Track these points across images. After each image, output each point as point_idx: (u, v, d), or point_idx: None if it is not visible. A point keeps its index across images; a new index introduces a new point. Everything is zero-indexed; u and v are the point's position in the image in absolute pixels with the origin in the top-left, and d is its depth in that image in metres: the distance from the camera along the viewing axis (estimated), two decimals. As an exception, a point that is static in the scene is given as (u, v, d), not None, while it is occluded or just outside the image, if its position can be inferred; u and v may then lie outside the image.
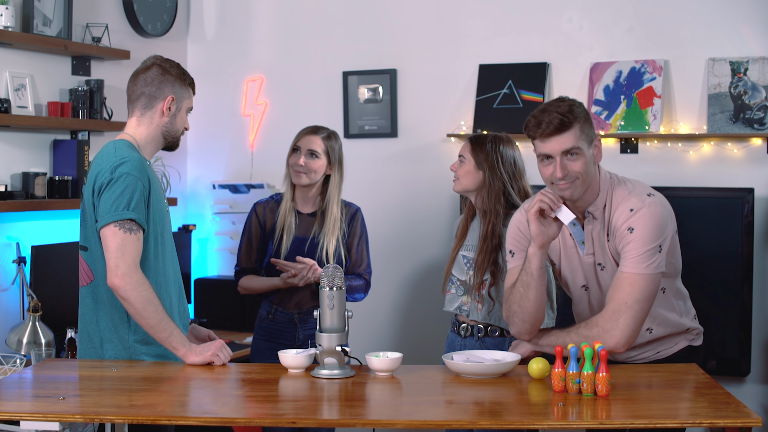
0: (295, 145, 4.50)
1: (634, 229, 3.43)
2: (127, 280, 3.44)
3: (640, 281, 3.40)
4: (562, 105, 3.44)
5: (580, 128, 3.43)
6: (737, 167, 5.10)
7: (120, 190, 3.50)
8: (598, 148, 3.52)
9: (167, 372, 3.47)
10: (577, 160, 3.43)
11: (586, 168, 3.45)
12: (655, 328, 3.62)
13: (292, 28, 6.02)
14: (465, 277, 4.13)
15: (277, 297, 4.55)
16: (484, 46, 5.59)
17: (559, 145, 3.42)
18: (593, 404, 2.96)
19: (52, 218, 5.12)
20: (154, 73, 3.73)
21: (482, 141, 4.13)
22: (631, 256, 3.42)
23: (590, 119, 3.50)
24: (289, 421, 2.89)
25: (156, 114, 3.71)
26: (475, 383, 3.26)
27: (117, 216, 3.47)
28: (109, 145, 3.66)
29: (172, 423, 2.89)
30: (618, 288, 3.42)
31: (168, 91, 3.71)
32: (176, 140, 3.80)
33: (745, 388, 5.08)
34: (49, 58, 5.15)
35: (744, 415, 2.80)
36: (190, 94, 3.80)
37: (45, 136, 5.13)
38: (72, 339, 4.47)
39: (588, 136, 3.46)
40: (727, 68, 5.06)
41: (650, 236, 3.42)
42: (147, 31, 5.74)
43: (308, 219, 4.54)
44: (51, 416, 2.90)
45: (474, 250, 4.10)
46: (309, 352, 3.49)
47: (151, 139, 3.73)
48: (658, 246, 3.42)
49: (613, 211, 3.51)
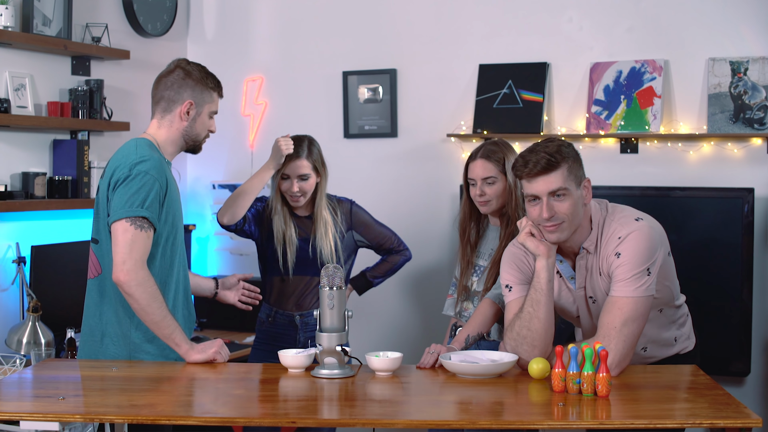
0: (283, 173, 4.46)
1: (621, 254, 3.39)
2: (132, 276, 3.45)
3: (629, 304, 3.35)
4: (550, 145, 3.40)
5: (567, 169, 3.38)
6: (737, 167, 5.10)
7: (137, 188, 3.51)
8: (587, 189, 3.47)
9: (167, 372, 3.48)
10: (563, 201, 3.38)
11: (573, 210, 3.39)
12: (650, 347, 3.64)
13: (292, 28, 6.02)
14: (468, 283, 4.12)
15: (276, 298, 4.56)
16: (484, 46, 5.59)
17: (546, 186, 3.37)
18: (593, 404, 2.96)
19: (51, 218, 5.12)
20: (175, 77, 3.73)
21: (496, 152, 4.05)
22: (619, 280, 3.39)
23: (579, 159, 3.46)
24: (289, 420, 2.89)
25: (175, 117, 3.72)
26: (475, 383, 3.26)
27: (130, 212, 3.48)
28: (131, 143, 3.68)
29: (172, 423, 2.89)
30: (607, 312, 3.38)
31: (187, 95, 3.71)
32: (198, 144, 3.81)
33: (745, 388, 5.09)
34: (48, 57, 5.15)
35: (744, 416, 2.80)
36: (214, 98, 3.79)
37: (45, 136, 5.14)
38: (72, 339, 4.48)
39: (577, 176, 3.41)
40: (727, 68, 5.06)
41: (638, 260, 3.38)
42: (147, 30, 5.75)
43: (305, 221, 4.54)
44: (51, 416, 2.90)
45: (486, 258, 4.09)
46: (309, 352, 3.49)
47: (171, 141, 3.75)
48: (646, 269, 3.38)
49: (603, 243, 3.48)
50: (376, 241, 4.64)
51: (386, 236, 4.66)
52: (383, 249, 4.68)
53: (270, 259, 4.52)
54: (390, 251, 4.69)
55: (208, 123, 3.79)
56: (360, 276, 4.73)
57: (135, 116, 5.59)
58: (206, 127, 3.78)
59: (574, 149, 3.46)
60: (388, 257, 4.71)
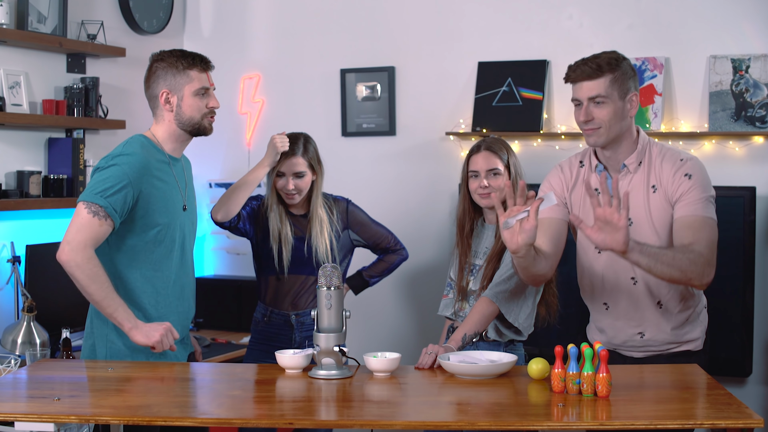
0: (278, 171, 4.47)
1: (692, 176, 3.54)
2: (72, 256, 3.55)
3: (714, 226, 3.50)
4: (602, 56, 3.62)
5: (611, 79, 3.57)
6: (739, 166, 5.10)
7: (105, 177, 3.60)
8: (633, 104, 3.62)
9: (163, 372, 3.48)
10: (602, 108, 3.57)
11: (610, 118, 3.57)
12: (650, 328, 3.67)
13: (289, 25, 6.02)
14: (464, 283, 4.11)
15: (271, 297, 4.55)
16: (483, 43, 5.59)
17: (586, 92, 3.60)
18: (593, 405, 2.96)
19: (46, 217, 5.12)
20: (148, 74, 3.83)
21: (499, 146, 4.08)
22: (695, 200, 3.51)
23: (629, 74, 3.63)
24: (286, 421, 2.89)
25: (162, 111, 3.76)
26: (474, 384, 3.26)
27: (89, 197, 3.57)
28: (129, 138, 3.77)
29: (168, 424, 2.89)
30: (700, 229, 3.47)
31: (160, 86, 3.75)
32: (198, 126, 3.81)
33: (747, 388, 5.08)
34: (44, 55, 5.15)
35: (746, 416, 2.80)
36: (192, 76, 3.77)
37: (40, 135, 5.13)
38: (67, 339, 4.47)
39: (621, 88, 3.59)
40: (729, 66, 5.06)
41: (706, 184, 3.55)
42: (143, 28, 5.74)
43: (301, 219, 4.54)
44: (46, 417, 2.90)
45: (482, 257, 4.07)
46: (306, 353, 3.49)
47: (168, 135, 3.79)
48: (712, 196, 3.54)
49: (656, 161, 3.60)
50: (373, 240, 4.64)
51: (383, 235, 4.66)
52: (380, 248, 4.68)
53: (265, 258, 4.52)
54: (387, 250, 4.69)
55: (199, 102, 3.78)
56: (356, 275, 4.73)
57: (131, 114, 5.59)
58: (198, 107, 3.78)
59: (628, 64, 3.66)
60: (384, 256, 4.71)
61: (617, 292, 3.70)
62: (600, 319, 3.80)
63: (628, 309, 3.70)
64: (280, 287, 4.52)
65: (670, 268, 3.35)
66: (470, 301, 4.07)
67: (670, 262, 3.35)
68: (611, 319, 3.75)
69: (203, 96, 3.79)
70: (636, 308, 3.68)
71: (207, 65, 3.83)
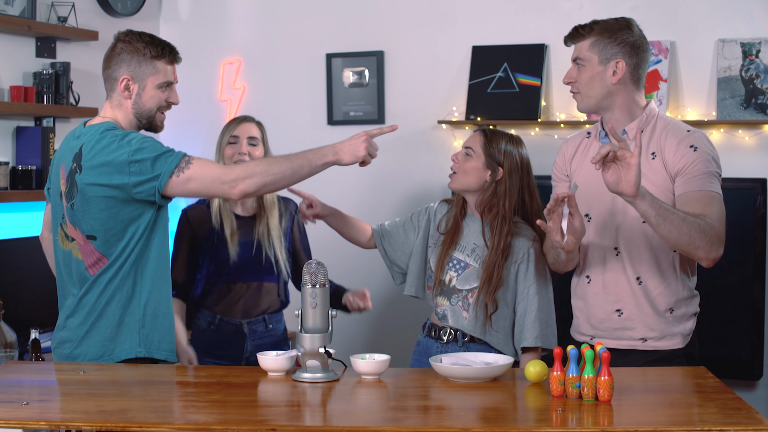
0: (231, 135, 4.42)
1: (697, 148, 3.57)
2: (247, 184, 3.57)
3: (722, 203, 3.54)
4: (600, 20, 3.72)
5: (593, 42, 3.67)
6: (749, 156, 5.11)
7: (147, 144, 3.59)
8: (616, 72, 3.65)
9: (138, 375, 3.47)
10: (581, 71, 3.70)
11: (586, 82, 3.68)
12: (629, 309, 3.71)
13: (271, 7, 6.01)
14: (444, 276, 4.07)
15: (220, 305, 4.47)
16: (477, 26, 5.59)
17: (573, 52, 3.75)
18: (594, 410, 2.96)
19: (14, 210, 5.11)
20: (112, 52, 3.75)
21: (498, 137, 4.02)
22: (699, 173, 3.54)
23: (621, 41, 3.65)
24: (269, 427, 2.89)
25: (120, 96, 3.72)
26: (467, 387, 3.26)
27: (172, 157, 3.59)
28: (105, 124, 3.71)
29: (144, 430, 2.88)
30: (708, 204, 3.50)
31: (123, 71, 3.70)
32: (151, 121, 3.76)
33: (757, 392, 5.10)
34: (11, 39, 5.13)
35: (756, 422, 2.80)
36: (158, 67, 3.72)
37: (7, 123, 5.12)
38: (36, 340, 4.46)
39: (603, 52, 3.66)
40: (738, 50, 5.07)
41: (712, 159, 3.59)
42: (116, 10, 5.73)
43: (249, 222, 4.49)
44: (13, 423, 2.89)
45: (469, 254, 4.04)
46: (290, 354, 3.48)
47: (128, 123, 3.76)
48: (717, 172, 3.59)
49: (659, 130, 3.64)
50: (300, 255, 4.60)
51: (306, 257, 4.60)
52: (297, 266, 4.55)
53: (209, 262, 4.46)
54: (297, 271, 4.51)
55: (159, 96, 3.74)
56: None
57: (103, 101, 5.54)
58: (157, 100, 3.74)
59: (631, 33, 3.68)
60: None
61: (600, 264, 3.75)
62: (581, 296, 3.85)
63: (607, 282, 3.74)
64: (230, 294, 4.47)
65: (677, 230, 3.37)
66: (451, 299, 4.03)
67: (678, 225, 3.36)
68: (591, 294, 3.79)
69: (164, 89, 3.75)
70: (615, 281, 3.72)
71: (175, 57, 3.78)
